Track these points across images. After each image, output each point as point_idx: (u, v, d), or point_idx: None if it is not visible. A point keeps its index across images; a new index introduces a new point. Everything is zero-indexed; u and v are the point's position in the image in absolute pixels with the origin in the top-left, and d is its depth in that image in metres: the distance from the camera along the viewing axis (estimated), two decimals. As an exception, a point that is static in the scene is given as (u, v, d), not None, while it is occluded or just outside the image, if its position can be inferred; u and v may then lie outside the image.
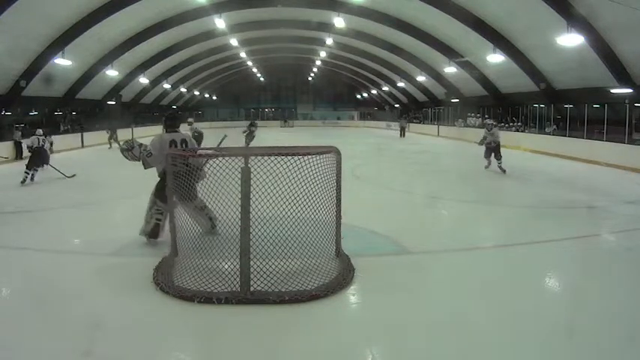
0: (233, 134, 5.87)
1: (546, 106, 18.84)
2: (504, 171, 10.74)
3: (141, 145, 5.13)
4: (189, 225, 4.31)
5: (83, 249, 5.07)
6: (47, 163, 10.32)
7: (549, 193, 8.48)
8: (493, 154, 11.07)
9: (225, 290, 3.60)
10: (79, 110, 23.39)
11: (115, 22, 16.90)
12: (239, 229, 3.63)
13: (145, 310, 3.48)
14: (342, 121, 44.92)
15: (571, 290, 4.10)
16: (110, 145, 18.56)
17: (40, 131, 10.61)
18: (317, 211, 4.03)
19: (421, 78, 25.90)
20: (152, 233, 4.93)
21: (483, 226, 6.50)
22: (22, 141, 14.54)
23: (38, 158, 10.00)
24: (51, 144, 13.46)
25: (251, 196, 3.64)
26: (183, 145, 5.03)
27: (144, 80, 25.25)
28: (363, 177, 10.43)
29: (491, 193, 8.67)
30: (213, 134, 10.20)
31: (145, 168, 5.05)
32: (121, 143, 5.26)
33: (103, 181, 10.02)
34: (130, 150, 5.09)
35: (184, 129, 9.81)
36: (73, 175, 10.28)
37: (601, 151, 13.15)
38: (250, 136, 16.55)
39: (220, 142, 5.67)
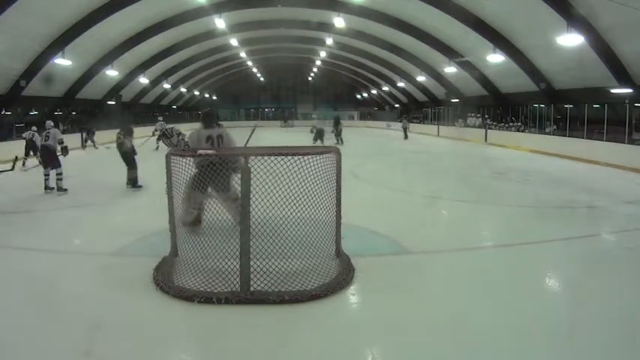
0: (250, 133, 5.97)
1: (546, 106, 18.83)
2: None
3: (179, 133, 5.25)
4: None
5: (83, 249, 5.07)
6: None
7: (549, 193, 8.48)
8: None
9: (225, 290, 3.59)
10: (79, 110, 23.40)
11: (115, 22, 16.90)
12: (239, 229, 3.64)
13: (145, 310, 3.48)
14: (342, 120, 44.74)
15: (571, 290, 4.10)
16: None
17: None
18: (317, 211, 4.02)
19: (421, 78, 25.91)
20: (195, 221, 4.78)
21: (483, 226, 6.50)
22: None
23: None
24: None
25: (251, 196, 3.64)
26: (219, 140, 5.30)
27: (144, 80, 25.26)
28: (363, 177, 10.42)
29: (491, 193, 8.67)
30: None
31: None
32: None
33: (103, 181, 10.01)
34: (169, 138, 5.23)
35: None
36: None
37: (601, 151, 13.14)
38: (339, 134, 18.61)
39: (250, 135, 5.71)
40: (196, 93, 40.34)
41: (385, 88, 36.42)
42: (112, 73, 20.96)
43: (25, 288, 4.01)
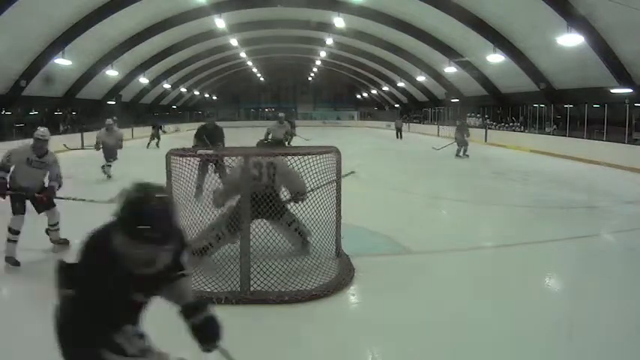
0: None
1: (546, 106, 18.84)
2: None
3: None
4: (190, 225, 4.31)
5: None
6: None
7: (549, 193, 8.48)
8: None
9: (225, 290, 3.60)
10: (79, 110, 23.40)
11: (115, 22, 16.91)
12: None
13: (145, 310, 3.48)
14: (342, 120, 44.98)
15: (571, 290, 4.10)
16: None
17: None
18: (317, 211, 4.03)
19: (421, 78, 25.90)
20: (204, 251, 4.11)
21: (483, 226, 6.51)
22: None
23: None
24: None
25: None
26: (272, 170, 4.22)
27: (144, 80, 25.25)
28: (363, 177, 10.40)
29: (491, 193, 8.67)
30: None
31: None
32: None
33: (102, 181, 10.01)
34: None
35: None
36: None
37: (601, 151, 13.15)
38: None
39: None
40: (196, 93, 40.29)
41: (385, 88, 36.41)
42: (112, 73, 20.95)
43: (25, 288, 4.00)
